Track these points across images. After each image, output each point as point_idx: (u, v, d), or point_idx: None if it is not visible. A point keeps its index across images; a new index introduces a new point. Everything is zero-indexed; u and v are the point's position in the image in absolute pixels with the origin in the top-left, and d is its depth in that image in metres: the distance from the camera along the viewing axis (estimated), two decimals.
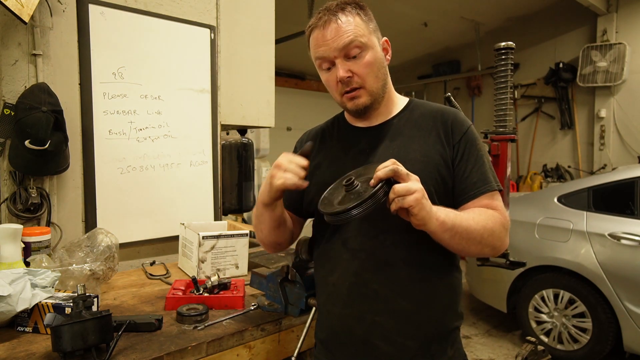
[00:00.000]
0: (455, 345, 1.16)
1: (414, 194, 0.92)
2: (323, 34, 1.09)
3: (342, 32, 1.08)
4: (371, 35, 1.12)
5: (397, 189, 0.92)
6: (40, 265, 1.43)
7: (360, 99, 1.13)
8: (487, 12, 6.60)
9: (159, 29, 2.03)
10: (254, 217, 1.24)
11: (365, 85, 1.12)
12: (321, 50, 1.11)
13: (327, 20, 1.09)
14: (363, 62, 1.10)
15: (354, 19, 1.09)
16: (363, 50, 1.10)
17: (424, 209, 0.93)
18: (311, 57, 1.18)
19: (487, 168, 1.14)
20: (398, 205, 0.92)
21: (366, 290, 1.10)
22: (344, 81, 1.10)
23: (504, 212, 1.12)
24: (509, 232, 1.14)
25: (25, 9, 1.56)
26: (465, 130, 1.14)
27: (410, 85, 8.78)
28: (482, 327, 4.15)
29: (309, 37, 1.15)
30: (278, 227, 1.20)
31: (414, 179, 0.95)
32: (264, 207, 1.15)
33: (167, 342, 1.20)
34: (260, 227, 1.22)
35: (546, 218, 3.56)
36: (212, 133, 2.24)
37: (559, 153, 6.98)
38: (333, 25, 1.08)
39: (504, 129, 2.30)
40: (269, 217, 1.17)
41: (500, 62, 2.25)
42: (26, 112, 1.58)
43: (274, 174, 1.07)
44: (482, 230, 1.04)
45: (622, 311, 3.04)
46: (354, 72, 1.10)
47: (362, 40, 1.09)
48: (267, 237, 1.23)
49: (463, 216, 1.03)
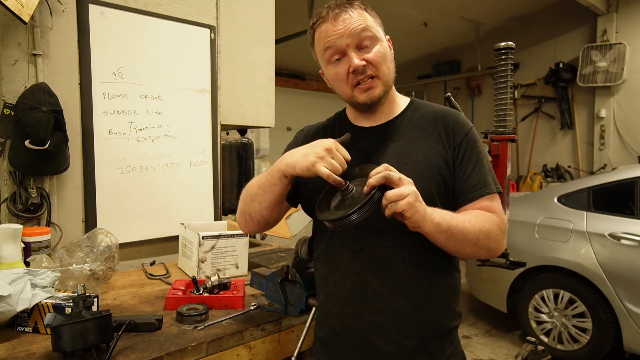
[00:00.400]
0: (453, 344, 1.17)
1: (406, 198, 0.92)
2: (334, 25, 1.09)
3: (353, 21, 1.08)
4: (379, 29, 1.13)
5: (389, 195, 0.93)
6: (40, 265, 1.43)
7: (375, 89, 1.11)
8: (487, 12, 6.59)
9: (159, 29, 2.04)
10: (255, 187, 1.15)
11: (379, 75, 1.11)
12: (332, 40, 1.09)
13: (337, 12, 1.09)
14: (376, 52, 1.10)
15: (363, 12, 1.10)
16: (374, 41, 1.10)
17: (418, 212, 0.94)
18: (315, 53, 1.17)
19: (487, 170, 1.14)
20: (391, 210, 0.93)
21: (366, 290, 1.10)
22: (359, 70, 1.09)
23: (501, 215, 1.12)
24: (506, 235, 1.14)
25: (25, 9, 1.56)
26: (466, 132, 1.15)
27: (410, 85, 8.77)
28: (482, 327, 4.14)
29: (315, 32, 1.14)
30: (279, 202, 1.15)
31: (406, 182, 0.95)
32: (283, 177, 1.07)
33: (167, 342, 1.20)
34: (260, 198, 1.13)
35: (546, 218, 3.56)
36: (212, 133, 2.24)
37: (559, 153, 6.98)
38: (344, 16, 1.08)
39: (504, 129, 2.30)
40: (280, 189, 1.09)
41: (500, 62, 2.25)
42: (26, 112, 1.58)
43: (322, 157, 0.99)
44: (478, 233, 1.05)
45: (622, 311, 3.04)
46: (369, 60, 1.09)
47: (373, 30, 1.09)
48: (263, 211, 1.15)
49: (459, 218, 1.04)
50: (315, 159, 0.99)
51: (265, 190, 1.12)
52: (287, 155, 1.06)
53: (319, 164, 0.99)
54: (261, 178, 1.14)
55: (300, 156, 1.02)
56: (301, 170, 1.01)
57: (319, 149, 1.00)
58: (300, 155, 1.03)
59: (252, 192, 1.16)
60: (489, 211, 1.11)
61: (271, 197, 1.12)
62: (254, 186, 1.16)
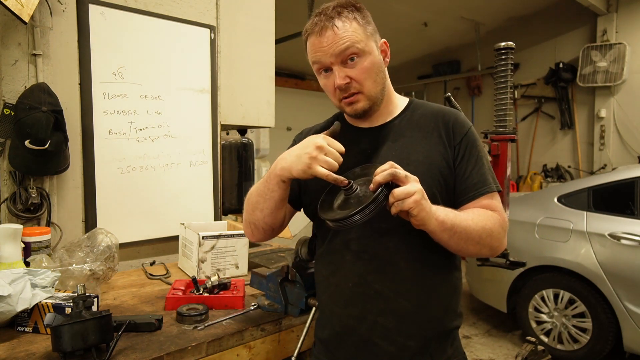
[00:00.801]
0: (454, 344, 1.18)
1: (413, 195, 0.92)
2: (320, 40, 1.07)
3: (338, 38, 1.05)
4: (369, 40, 1.10)
5: (396, 193, 0.93)
6: (40, 265, 1.43)
7: (358, 103, 1.12)
8: (487, 12, 6.59)
9: (159, 29, 2.03)
10: (255, 195, 1.15)
11: (364, 90, 1.11)
12: (318, 56, 1.09)
13: (322, 26, 1.07)
14: (361, 68, 1.08)
15: (350, 25, 1.07)
16: (360, 56, 1.08)
17: (424, 209, 0.94)
18: (309, 60, 1.17)
19: (487, 169, 1.15)
20: (398, 208, 0.93)
21: (368, 291, 1.10)
22: (342, 88, 1.09)
23: (502, 213, 1.13)
24: (507, 233, 1.15)
25: (25, 9, 1.56)
26: (466, 131, 1.15)
27: (410, 85, 8.78)
28: (482, 327, 4.14)
29: (306, 42, 1.14)
30: (281, 207, 1.15)
31: (412, 180, 0.95)
32: (280, 183, 1.06)
33: (167, 342, 1.20)
34: (261, 205, 1.13)
35: (546, 218, 3.56)
36: (212, 133, 2.24)
37: (559, 153, 6.98)
38: (329, 33, 1.06)
39: (504, 129, 2.30)
40: (279, 195, 1.09)
41: (500, 62, 2.25)
42: (26, 112, 1.58)
43: (315, 156, 0.97)
44: (481, 231, 1.05)
45: (622, 311, 3.04)
46: (352, 77, 1.09)
47: (358, 46, 1.07)
48: (266, 218, 1.15)
49: (462, 216, 1.04)
50: (309, 160, 0.98)
51: (265, 197, 1.12)
52: (281, 160, 1.05)
53: (315, 165, 0.97)
54: (260, 186, 1.13)
55: (294, 159, 1.01)
56: (298, 173, 1.00)
57: (310, 148, 0.98)
58: (293, 157, 1.01)
59: (252, 200, 1.16)
60: (489, 209, 1.11)
61: (272, 204, 1.12)
62: (254, 194, 1.16)
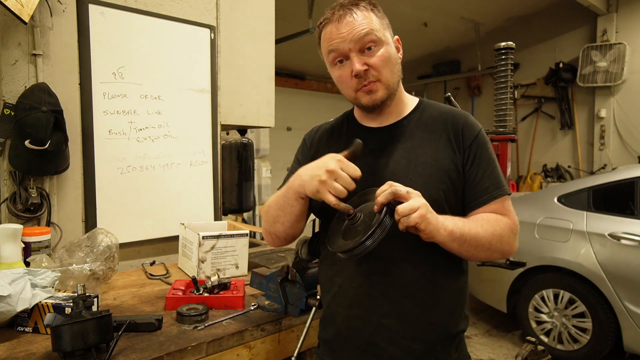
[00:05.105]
0: (460, 348, 1.16)
1: (418, 210, 0.93)
2: (337, 27, 1.07)
3: (357, 24, 1.06)
4: (385, 31, 1.11)
5: (400, 210, 0.93)
6: (40, 265, 1.43)
7: (377, 92, 1.10)
8: (487, 12, 6.60)
9: (159, 29, 2.03)
10: (274, 209, 1.15)
11: (382, 79, 1.09)
12: (335, 43, 1.08)
13: (342, 14, 1.07)
14: (379, 56, 1.08)
15: (369, 14, 1.08)
16: (378, 45, 1.08)
17: (430, 223, 0.94)
18: (322, 53, 1.16)
19: (499, 172, 1.13)
20: (405, 224, 0.93)
21: (373, 292, 1.09)
22: (360, 75, 1.08)
23: (514, 217, 1.12)
24: (518, 236, 1.14)
25: (25, 9, 1.56)
26: (476, 134, 1.13)
27: (410, 85, 8.76)
28: (482, 327, 4.15)
29: (321, 32, 1.13)
30: (301, 219, 1.16)
31: (414, 195, 0.95)
32: (299, 199, 1.07)
33: (167, 342, 1.20)
34: (282, 219, 1.14)
35: (546, 218, 3.56)
36: (212, 133, 2.24)
37: (559, 153, 6.98)
38: (348, 19, 1.07)
39: (504, 129, 2.31)
40: (299, 210, 1.10)
41: (500, 62, 2.26)
42: (26, 112, 1.58)
43: (325, 181, 0.96)
44: (491, 237, 1.05)
45: (622, 311, 3.04)
46: (370, 65, 1.07)
47: (377, 34, 1.07)
48: (287, 230, 1.16)
49: (471, 224, 1.03)
50: (319, 185, 0.97)
51: (285, 211, 1.12)
52: (298, 176, 1.05)
53: (323, 190, 0.97)
54: (279, 199, 1.13)
55: (308, 178, 1.01)
56: (310, 194, 1.01)
57: (322, 170, 0.97)
58: (307, 177, 1.01)
59: (273, 214, 1.16)
60: (501, 213, 1.10)
61: (292, 217, 1.13)
62: (273, 207, 1.16)
